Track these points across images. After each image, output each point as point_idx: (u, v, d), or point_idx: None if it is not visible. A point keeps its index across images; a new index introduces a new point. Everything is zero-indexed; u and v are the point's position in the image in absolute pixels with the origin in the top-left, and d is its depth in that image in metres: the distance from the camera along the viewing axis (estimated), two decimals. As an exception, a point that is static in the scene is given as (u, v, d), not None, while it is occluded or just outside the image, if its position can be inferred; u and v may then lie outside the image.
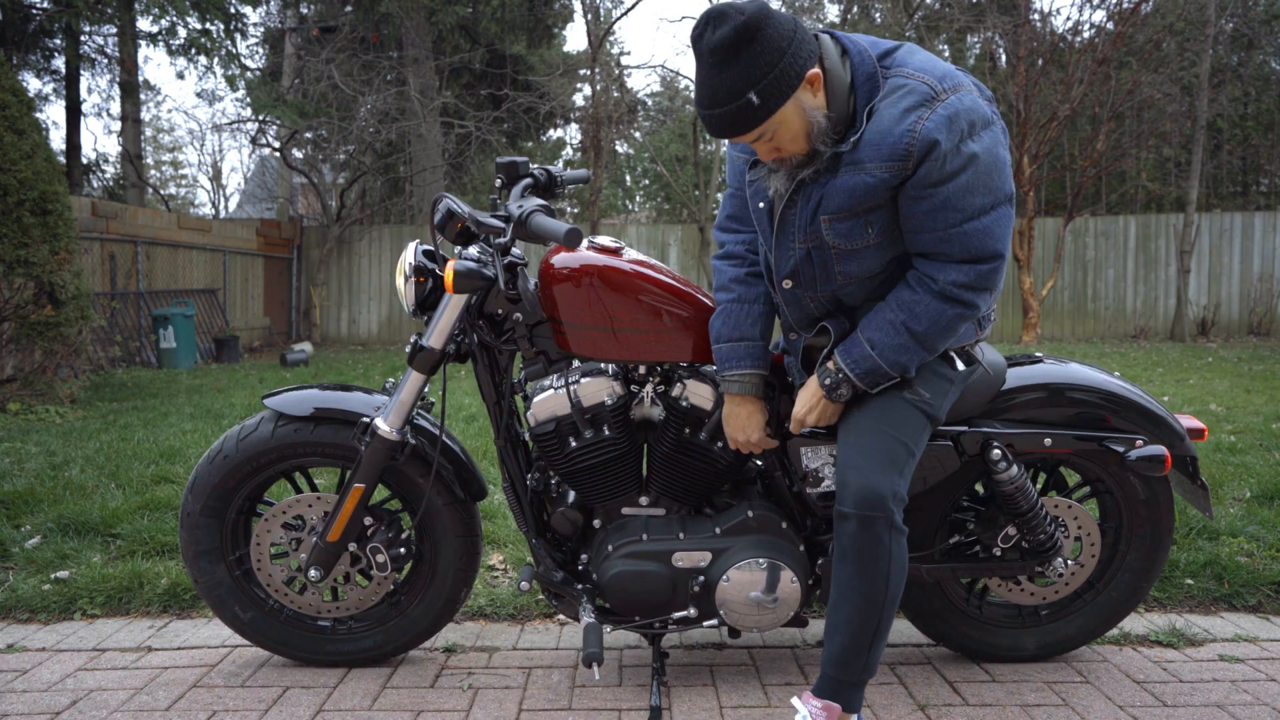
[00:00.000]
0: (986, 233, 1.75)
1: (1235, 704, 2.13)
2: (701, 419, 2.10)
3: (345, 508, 2.19)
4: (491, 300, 2.11)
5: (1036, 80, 12.11)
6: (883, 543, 1.82)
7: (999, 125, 1.77)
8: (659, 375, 2.14)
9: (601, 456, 2.10)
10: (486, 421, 5.52)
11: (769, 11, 1.65)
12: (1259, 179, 18.60)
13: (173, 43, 13.00)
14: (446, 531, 2.29)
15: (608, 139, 14.52)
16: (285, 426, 2.22)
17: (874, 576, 1.84)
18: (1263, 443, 4.70)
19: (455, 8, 14.84)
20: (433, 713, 2.11)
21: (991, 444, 2.09)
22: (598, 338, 2.03)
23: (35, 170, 6.35)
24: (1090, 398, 2.18)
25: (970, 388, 2.08)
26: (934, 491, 2.18)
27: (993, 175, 1.73)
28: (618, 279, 2.03)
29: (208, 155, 44.41)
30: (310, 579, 2.23)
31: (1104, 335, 13.82)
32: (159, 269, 11.18)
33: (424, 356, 2.10)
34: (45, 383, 6.50)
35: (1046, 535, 2.18)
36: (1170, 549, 2.32)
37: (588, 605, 2.12)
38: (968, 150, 1.69)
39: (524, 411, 2.16)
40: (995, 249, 1.77)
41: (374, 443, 2.14)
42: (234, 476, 2.24)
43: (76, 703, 2.18)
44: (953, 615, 2.33)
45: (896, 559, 1.85)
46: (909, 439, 1.88)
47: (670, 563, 2.11)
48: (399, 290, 2.15)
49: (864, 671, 1.89)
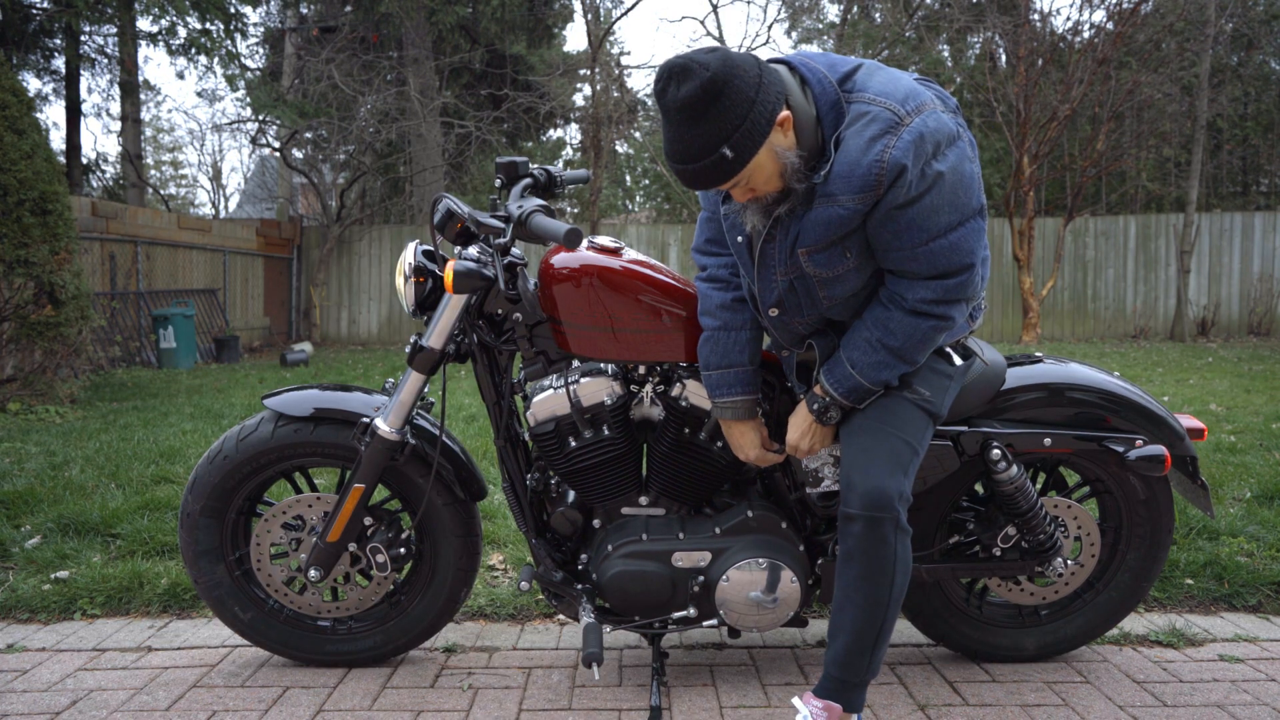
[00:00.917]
0: (954, 248, 1.74)
1: (1235, 704, 2.13)
2: (701, 419, 2.10)
3: (345, 508, 2.19)
4: (491, 300, 2.10)
5: (1036, 80, 12.11)
6: (889, 543, 1.82)
7: (966, 139, 1.75)
8: (658, 375, 2.14)
9: (601, 456, 2.10)
10: (486, 421, 5.52)
11: (732, 61, 1.62)
12: (1259, 179, 18.60)
13: (173, 43, 13.01)
14: (446, 531, 2.29)
15: (608, 139, 14.52)
16: (285, 427, 2.22)
17: (880, 577, 1.84)
18: (1263, 443, 4.70)
19: (455, 8, 14.84)
20: (433, 713, 2.11)
21: (991, 444, 2.09)
22: (597, 337, 2.03)
23: (35, 170, 6.35)
24: (1090, 397, 2.18)
25: (969, 387, 2.08)
26: (934, 492, 2.19)
27: (959, 192, 1.72)
28: (617, 279, 2.02)
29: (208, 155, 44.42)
30: (310, 579, 2.23)
31: (1104, 335, 13.82)
32: (159, 269, 11.18)
33: (424, 356, 2.10)
34: (45, 383, 6.50)
35: (1046, 535, 2.18)
36: (1170, 549, 2.32)
37: (587, 605, 2.12)
38: (933, 171, 1.67)
39: (523, 411, 2.16)
40: (963, 263, 1.76)
41: (374, 443, 2.14)
42: (234, 477, 2.23)
43: (76, 703, 2.18)
44: (953, 615, 2.33)
45: (902, 559, 1.85)
46: (912, 438, 1.88)
47: (670, 562, 2.11)
48: (399, 290, 2.15)
49: (867, 672, 1.89)
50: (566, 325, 2.05)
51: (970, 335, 2.05)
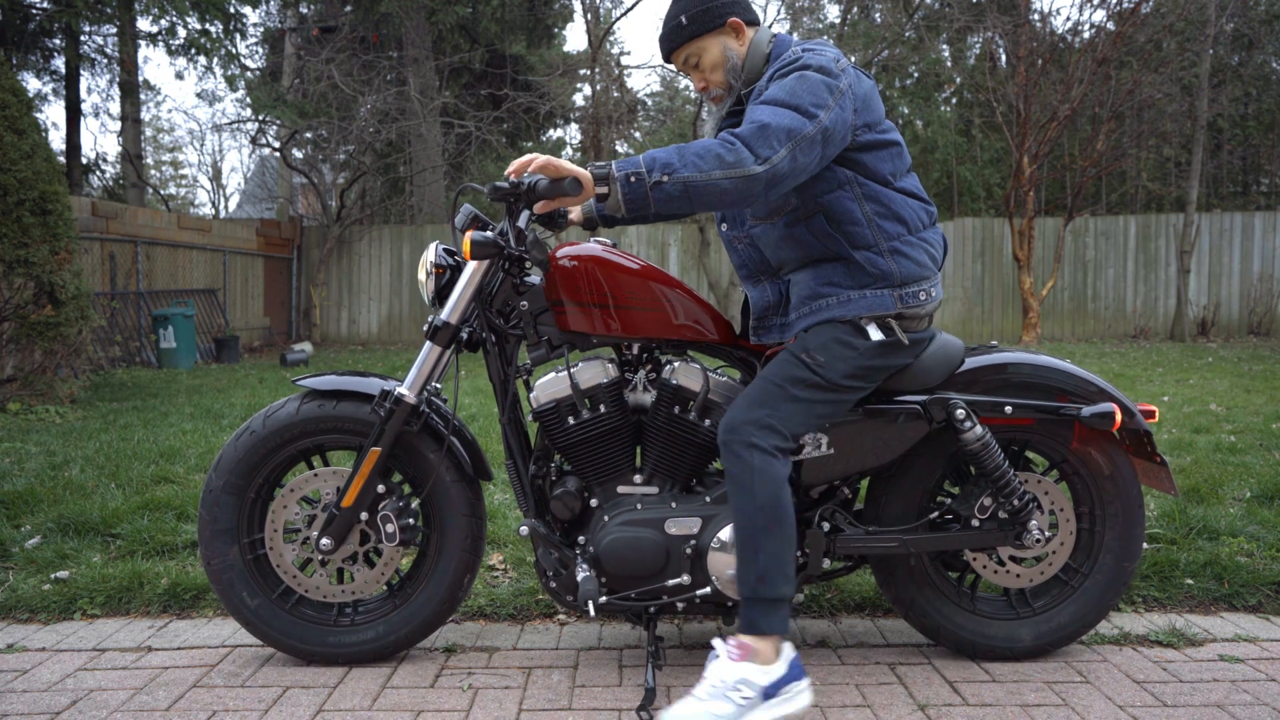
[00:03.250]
0: (776, 114, 1.96)
1: (1235, 704, 2.13)
2: (689, 398, 2.25)
3: (362, 470, 2.28)
4: (500, 293, 2.27)
5: (1036, 80, 12.10)
6: (743, 459, 2.03)
7: (847, 78, 2.05)
8: (650, 363, 2.33)
9: (598, 429, 2.25)
10: (488, 420, 5.52)
11: None
12: (1259, 179, 18.61)
13: (172, 43, 13.01)
14: (454, 511, 2.35)
15: (608, 139, 14.50)
16: (310, 403, 2.33)
17: (743, 490, 2.03)
18: (1263, 443, 4.70)
19: (455, 8, 14.84)
20: (433, 713, 2.11)
21: (955, 405, 2.20)
22: (594, 313, 2.23)
23: (35, 170, 6.35)
24: (1043, 375, 2.30)
25: (923, 364, 2.22)
26: (912, 470, 2.30)
27: (801, 90, 1.99)
28: (613, 262, 2.25)
29: (208, 155, 44.45)
30: (322, 548, 2.29)
31: (1104, 335, 13.82)
32: (159, 269, 11.18)
33: (441, 332, 2.23)
34: (45, 383, 6.50)
35: (1019, 499, 2.27)
36: (1144, 525, 2.38)
37: (583, 564, 2.22)
38: (799, 63, 2.05)
39: (526, 397, 2.31)
40: (767, 121, 1.94)
41: (394, 409, 2.25)
42: (258, 452, 2.32)
43: (76, 703, 2.18)
44: (945, 606, 2.36)
45: (760, 471, 2.02)
46: (786, 383, 2.09)
47: (663, 529, 2.22)
48: (420, 284, 2.32)
49: (758, 584, 2.02)
50: (567, 304, 2.23)
51: (899, 318, 2.14)
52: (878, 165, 2.13)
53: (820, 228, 2.13)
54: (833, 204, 2.11)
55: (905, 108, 18.45)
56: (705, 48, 2.17)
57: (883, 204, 2.12)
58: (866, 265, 2.11)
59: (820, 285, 2.14)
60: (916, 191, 2.21)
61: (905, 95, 18.69)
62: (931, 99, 18.29)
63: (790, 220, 2.17)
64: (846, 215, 2.11)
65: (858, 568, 2.43)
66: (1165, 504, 3.43)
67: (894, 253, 2.12)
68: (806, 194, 2.12)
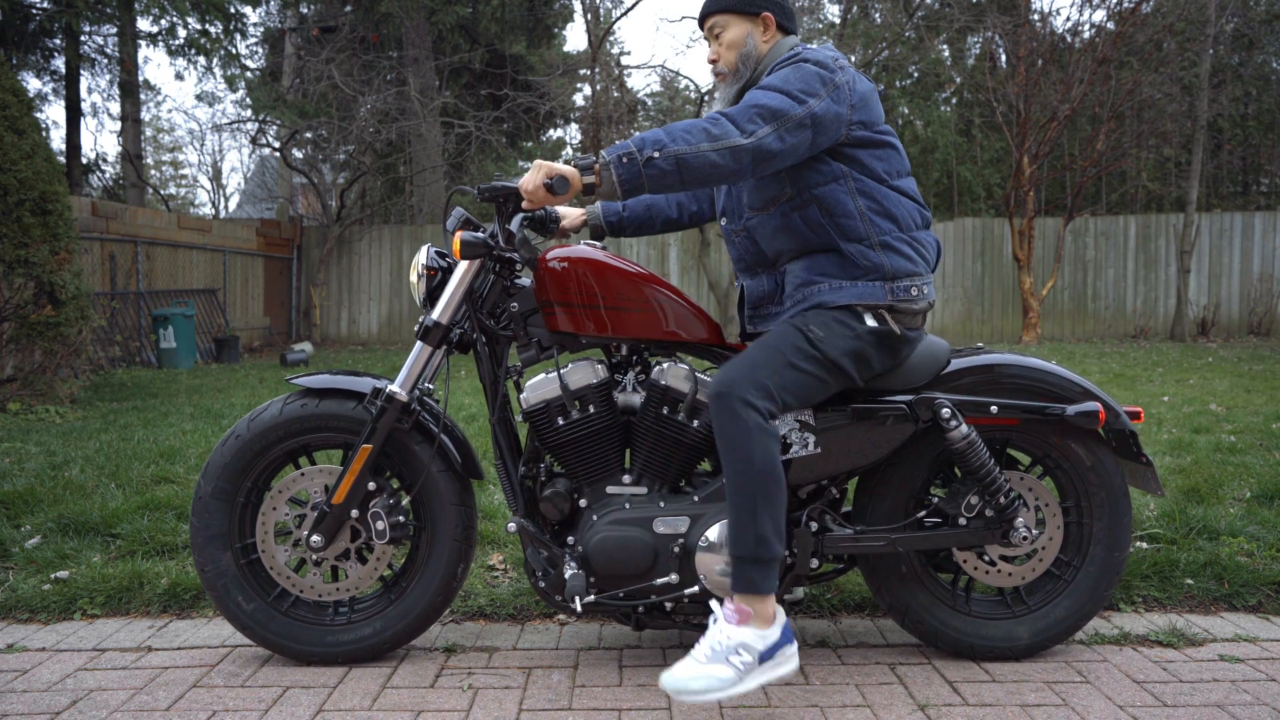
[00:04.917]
0: (765, 95, 2.04)
1: (1235, 704, 2.13)
2: (678, 399, 2.26)
3: (352, 468, 2.28)
4: (490, 294, 2.30)
5: (1036, 80, 12.11)
6: (739, 416, 2.03)
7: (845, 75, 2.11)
8: (639, 365, 2.35)
9: (587, 429, 2.27)
10: (483, 423, 5.51)
11: None
12: (1259, 179, 18.61)
13: (172, 43, 13.01)
14: (444, 501, 2.36)
15: (608, 139, 14.49)
16: (294, 404, 2.34)
17: (739, 449, 2.03)
18: (1263, 443, 4.70)
19: (455, 8, 14.84)
20: (433, 713, 2.11)
21: (941, 404, 2.22)
22: (583, 314, 2.25)
23: (35, 170, 6.35)
24: (1028, 376, 2.32)
25: (911, 363, 2.26)
26: (899, 470, 2.32)
27: (793, 78, 2.07)
28: (602, 264, 2.27)
29: (208, 155, 44.39)
30: (312, 545, 2.30)
31: (1104, 335, 13.81)
32: (159, 269, 11.18)
33: (432, 332, 2.26)
34: (45, 383, 6.50)
35: (1004, 495, 2.28)
36: (1131, 513, 2.39)
37: (571, 561, 2.23)
38: (797, 58, 2.14)
39: (516, 398, 2.33)
40: (754, 101, 2.04)
41: (386, 406, 2.26)
42: (244, 456, 2.33)
43: (76, 703, 2.18)
44: (940, 610, 2.37)
45: (758, 432, 2.03)
46: (786, 350, 2.11)
47: (651, 528, 2.23)
48: (412, 286, 2.34)
49: (757, 546, 2.02)
50: (556, 306, 2.25)
51: (891, 309, 2.17)
52: (873, 163, 2.18)
53: (814, 218, 2.18)
54: (827, 195, 2.16)
55: (905, 108, 18.45)
56: (732, 25, 2.25)
57: (876, 200, 2.17)
58: (858, 257, 2.17)
59: (813, 274, 2.21)
60: (912, 193, 2.25)
61: (905, 95, 18.69)
62: (931, 99, 18.29)
63: (785, 210, 2.22)
64: (840, 207, 2.16)
65: (849, 569, 2.44)
66: (1165, 504, 3.43)
67: (885, 247, 2.17)
68: (802, 184, 2.18)
